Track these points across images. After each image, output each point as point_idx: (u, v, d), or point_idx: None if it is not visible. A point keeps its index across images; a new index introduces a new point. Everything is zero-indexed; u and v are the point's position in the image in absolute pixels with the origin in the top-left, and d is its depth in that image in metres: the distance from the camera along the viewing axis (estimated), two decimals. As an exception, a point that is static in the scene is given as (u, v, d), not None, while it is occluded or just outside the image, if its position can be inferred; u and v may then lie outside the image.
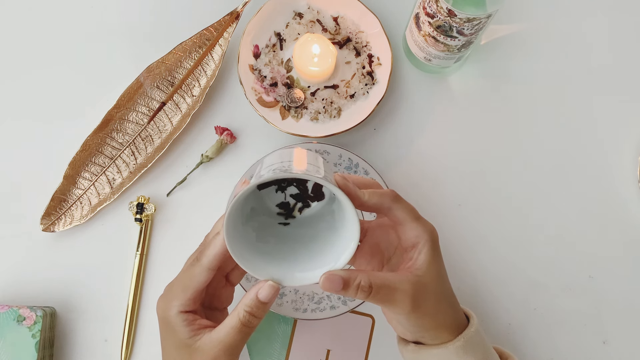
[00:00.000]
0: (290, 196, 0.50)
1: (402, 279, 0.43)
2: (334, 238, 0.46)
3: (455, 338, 0.45)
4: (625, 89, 0.65)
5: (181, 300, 0.44)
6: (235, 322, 0.43)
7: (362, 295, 0.42)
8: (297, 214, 0.50)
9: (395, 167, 0.63)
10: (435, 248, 0.45)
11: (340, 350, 0.60)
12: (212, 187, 0.62)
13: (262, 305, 0.43)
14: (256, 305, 0.43)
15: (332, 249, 0.45)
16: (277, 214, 0.50)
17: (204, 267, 0.44)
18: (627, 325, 0.61)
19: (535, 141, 0.64)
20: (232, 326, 0.43)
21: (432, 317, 0.45)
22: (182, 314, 0.44)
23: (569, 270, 0.62)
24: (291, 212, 0.50)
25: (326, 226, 0.48)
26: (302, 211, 0.50)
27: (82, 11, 0.65)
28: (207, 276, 0.44)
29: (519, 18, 0.65)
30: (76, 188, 0.61)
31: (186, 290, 0.44)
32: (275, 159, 0.46)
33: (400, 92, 0.64)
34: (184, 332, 0.44)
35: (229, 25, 0.63)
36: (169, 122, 0.62)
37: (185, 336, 0.44)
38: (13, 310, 0.56)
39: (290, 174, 0.41)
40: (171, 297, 0.45)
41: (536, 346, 0.61)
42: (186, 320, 0.44)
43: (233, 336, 0.43)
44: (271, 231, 0.49)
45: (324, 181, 0.41)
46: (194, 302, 0.45)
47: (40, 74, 0.64)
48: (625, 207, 0.63)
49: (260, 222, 0.48)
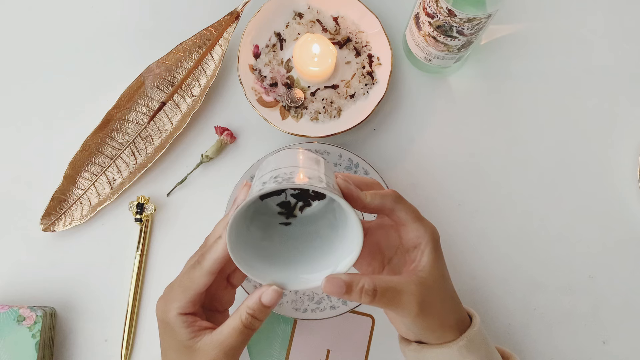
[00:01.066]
0: (291, 195, 0.50)
1: (407, 281, 0.43)
2: (335, 237, 0.46)
3: (459, 337, 0.45)
4: (625, 89, 0.65)
5: (181, 302, 0.44)
6: (237, 324, 0.43)
7: (366, 299, 0.41)
8: (298, 213, 0.50)
9: (395, 167, 0.63)
10: (437, 248, 0.45)
11: (340, 350, 0.60)
12: (212, 187, 0.62)
13: (264, 308, 0.43)
14: (259, 309, 0.43)
15: (334, 249, 0.45)
16: (278, 214, 0.50)
17: (204, 271, 0.44)
18: (627, 325, 0.61)
19: (535, 141, 0.64)
20: (233, 327, 0.43)
21: (437, 318, 0.44)
22: (182, 316, 0.44)
23: (569, 270, 0.62)
24: (292, 212, 0.50)
25: (327, 224, 0.48)
26: (303, 210, 0.50)
27: (82, 11, 0.65)
28: (207, 279, 0.44)
29: (519, 18, 0.65)
30: (76, 188, 0.61)
31: (186, 293, 0.44)
32: (277, 163, 0.45)
33: (400, 92, 0.64)
34: (183, 334, 0.43)
35: (229, 25, 0.63)
36: (169, 122, 0.62)
37: (185, 337, 0.43)
38: (13, 310, 0.56)
39: (293, 184, 0.40)
40: (171, 299, 0.45)
41: (536, 346, 0.61)
42: (186, 322, 0.44)
43: (234, 338, 0.43)
44: (273, 230, 0.48)
45: (327, 191, 0.40)
46: (193, 304, 0.44)
47: (40, 74, 0.64)
48: (625, 207, 0.63)
49: (263, 221, 0.48)
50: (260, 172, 0.46)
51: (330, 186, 0.42)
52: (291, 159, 0.46)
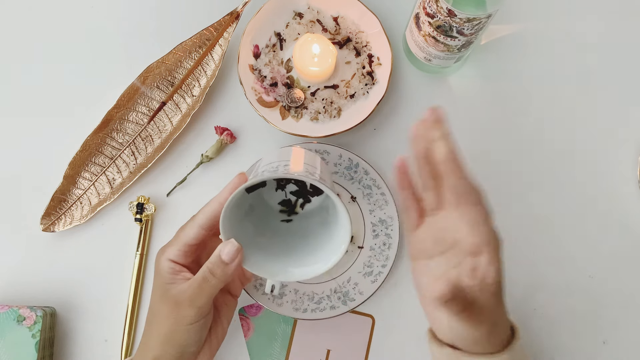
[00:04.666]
0: (291, 193, 0.50)
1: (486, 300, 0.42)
2: (326, 234, 0.47)
3: (500, 351, 0.43)
4: (625, 88, 0.65)
5: (173, 250, 0.48)
6: (197, 276, 0.46)
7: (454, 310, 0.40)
8: (299, 210, 0.51)
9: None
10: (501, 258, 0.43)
11: (340, 350, 0.60)
12: (212, 187, 0.62)
13: (222, 264, 0.45)
14: (216, 263, 0.45)
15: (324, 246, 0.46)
16: (280, 212, 0.51)
17: (195, 224, 0.48)
18: (627, 325, 0.61)
19: (535, 141, 0.64)
20: (194, 279, 0.46)
21: (485, 325, 0.43)
22: (170, 262, 0.48)
23: (569, 270, 0.62)
24: (293, 209, 0.51)
25: (319, 221, 0.49)
26: (304, 206, 0.51)
27: (82, 11, 0.65)
28: (197, 232, 0.48)
29: (519, 18, 0.65)
30: (76, 188, 0.61)
31: (178, 242, 0.48)
32: (271, 159, 0.47)
33: (400, 92, 0.64)
34: (166, 278, 0.47)
35: (229, 25, 0.63)
36: (169, 122, 0.62)
37: (166, 281, 0.47)
38: (13, 310, 0.56)
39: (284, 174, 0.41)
40: (166, 247, 0.49)
41: (536, 346, 0.61)
42: (172, 268, 0.47)
43: (193, 289, 0.46)
44: (269, 226, 0.50)
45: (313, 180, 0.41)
46: (185, 254, 0.48)
47: (40, 73, 0.64)
48: (625, 207, 0.63)
49: (259, 218, 0.49)
50: (255, 169, 0.47)
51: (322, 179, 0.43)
52: (285, 155, 0.47)
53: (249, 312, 0.60)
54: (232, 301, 0.52)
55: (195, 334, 0.47)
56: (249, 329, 0.60)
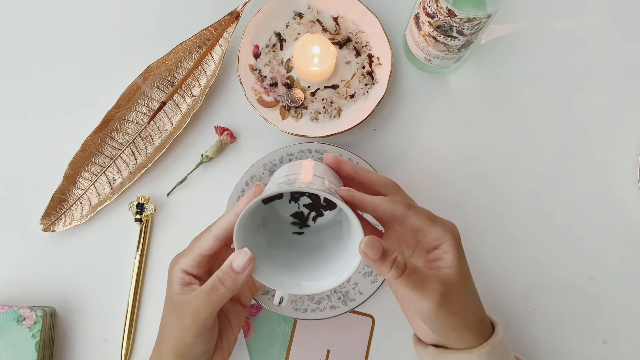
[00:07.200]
0: (304, 206, 0.50)
1: (433, 274, 0.43)
2: (339, 248, 0.46)
3: (480, 344, 0.44)
4: (625, 88, 0.65)
5: (186, 260, 0.47)
6: (206, 285, 0.45)
7: (394, 273, 0.41)
8: (311, 223, 0.51)
9: (395, 167, 0.63)
10: (459, 247, 0.45)
11: (340, 350, 0.60)
12: (212, 187, 0.62)
13: (233, 273, 0.44)
14: (227, 272, 0.44)
15: (336, 260, 0.45)
16: (292, 224, 0.51)
17: (211, 234, 0.47)
18: (627, 325, 0.61)
19: (535, 141, 0.64)
20: (202, 289, 0.45)
21: (461, 315, 0.44)
22: (182, 272, 0.47)
23: (569, 270, 0.62)
24: (305, 222, 0.51)
25: (332, 235, 0.49)
26: (316, 220, 0.51)
27: (82, 10, 0.65)
28: (212, 243, 0.47)
29: (519, 18, 0.65)
30: (76, 188, 0.61)
31: (192, 253, 0.47)
32: (285, 171, 0.46)
33: (400, 92, 0.64)
34: (176, 288, 0.47)
35: (229, 25, 0.63)
36: (169, 122, 0.62)
37: (175, 291, 0.47)
38: (13, 310, 0.56)
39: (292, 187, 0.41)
40: (179, 257, 0.48)
41: (536, 346, 0.61)
42: (183, 279, 0.47)
43: (200, 299, 0.45)
44: (281, 239, 0.49)
45: (326, 193, 0.41)
46: (198, 265, 0.47)
47: (40, 73, 0.64)
48: (625, 207, 0.63)
49: (271, 230, 0.49)
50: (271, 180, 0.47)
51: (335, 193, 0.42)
52: (298, 167, 0.47)
53: (249, 312, 0.60)
54: (242, 310, 0.52)
55: (202, 345, 0.46)
56: (249, 329, 0.60)
